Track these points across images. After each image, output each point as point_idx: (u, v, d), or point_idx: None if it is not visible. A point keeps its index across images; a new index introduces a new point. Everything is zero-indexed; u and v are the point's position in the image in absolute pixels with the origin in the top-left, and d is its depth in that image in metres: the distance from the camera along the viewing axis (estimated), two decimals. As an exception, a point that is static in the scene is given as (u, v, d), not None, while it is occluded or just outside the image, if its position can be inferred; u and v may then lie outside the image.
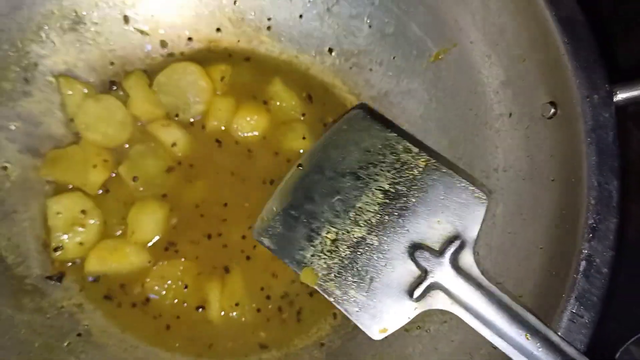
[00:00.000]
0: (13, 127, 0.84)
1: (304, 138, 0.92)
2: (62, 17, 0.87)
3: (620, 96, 0.68)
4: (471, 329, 0.69)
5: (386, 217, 0.78)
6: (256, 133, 0.93)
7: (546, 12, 0.71)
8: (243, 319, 0.84)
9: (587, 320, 0.62)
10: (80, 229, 0.84)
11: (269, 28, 0.97)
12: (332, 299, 0.77)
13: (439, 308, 0.72)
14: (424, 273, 0.73)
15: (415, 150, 0.81)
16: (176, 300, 0.83)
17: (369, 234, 0.78)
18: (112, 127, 0.88)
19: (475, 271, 0.72)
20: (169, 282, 0.84)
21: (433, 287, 0.72)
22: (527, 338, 0.64)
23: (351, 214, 0.80)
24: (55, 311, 0.81)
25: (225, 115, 0.92)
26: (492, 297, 0.68)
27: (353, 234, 0.79)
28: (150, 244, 0.86)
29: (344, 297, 0.76)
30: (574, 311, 0.62)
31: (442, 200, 0.78)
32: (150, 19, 0.94)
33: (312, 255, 0.79)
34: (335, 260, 0.78)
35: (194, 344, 0.83)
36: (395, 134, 0.83)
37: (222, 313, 0.84)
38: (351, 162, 0.82)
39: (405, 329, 0.80)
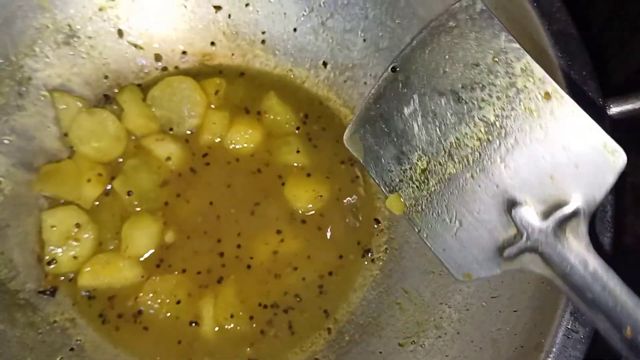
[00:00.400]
0: (6, 141, 0.84)
1: (298, 151, 0.92)
2: (56, 30, 0.87)
3: (614, 110, 0.69)
4: (466, 343, 0.68)
5: (486, 158, 0.64)
6: (251, 146, 0.92)
7: (539, 26, 0.71)
8: (238, 329, 0.83)
9: (581, 336, 0.61)
10: (74, 243, 0.83)
11: (263, 42, 0.97)
12: (417, 230, 0.70)
13: (532, 270, 0.61)
14: (520, 234, 0.61)
15: (540, 74, 0.61)
16: (169, 314, 0.83)
17: (463, 172, 0.65)
18: (106, 141, 0.88)
19: (584, 245, 0.58)
20: (162, 296, 0.83)
21: (528, 249, 0.61)
22: (629, 332, 0.54)
23: (446, 144, 0.67)
24: (47, 326, 0.80)
25: (220, 128, 0.92)
26: (597, 279, 0.56)
27: (446, 169, 0.67)
28: (143, 258, 0.85)
29: (430, 233, 0.68)
30: (568, 327, 0.62)
31: (561, 150, 0.60)
32: (144, 33, 0.94)
33: (400, 181, 0.72)
34: (424, 193, 0.69)
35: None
36: (516, 45, 0.62)
37: (217, 328, 0.83)
38: (452, 77, 0.66)
39: (400, 343, 0.80)
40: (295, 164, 0.92)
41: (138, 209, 0.87)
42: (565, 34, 0.71)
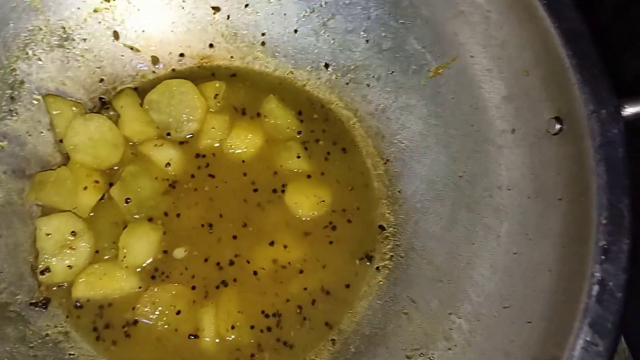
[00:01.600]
0: (-2, 147, 0.82)
1: (298, 157, 0.90)
2: (49, 33, 0.86)
3: (629, 111, 0.66)
4: (477, 356, 0.66)
5: None
6: (251, 151, 0.91)
7: (549, 25, 0.69)
8: (239, 339, 0.81)
9: (602, 349, 0.58)
10: (70, 252, 0.81)
11: (263, 43, 0.96)
12: None
13: None
14: None
15: None
16: (167, 327, 0.80)
17: None
18: (103, 148, 0.86)
19: None
20: (161, 307, 0.80)
21: None
22: None
23: None
24: (39, 340, 0.78)
25: (219, 133, 0.90)
26: None
27: None
28: (141, 267, 0.83)
29: None
30: (587, 339, 0.59)
31: None
32: (141, 35, 0.92)
33: None
34: None
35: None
36: None
37: (217, 340, 0.81)
38: None
39: (407, 355, 0.77)
40: (296, 170, 0.90)
41: (137, 216, 0.85)
42: (576, 32, 0.68)
